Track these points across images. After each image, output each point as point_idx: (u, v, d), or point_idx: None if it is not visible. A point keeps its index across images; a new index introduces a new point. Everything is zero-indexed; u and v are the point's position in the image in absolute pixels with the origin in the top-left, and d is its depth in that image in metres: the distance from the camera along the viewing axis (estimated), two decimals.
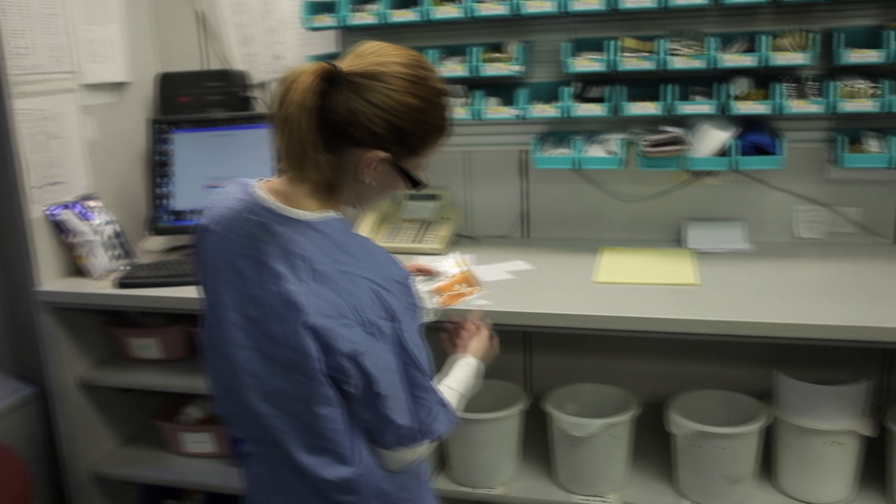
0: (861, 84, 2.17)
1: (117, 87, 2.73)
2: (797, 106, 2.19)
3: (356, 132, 1.31)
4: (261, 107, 2.84)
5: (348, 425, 1.36)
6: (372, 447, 1.40)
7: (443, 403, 1.43)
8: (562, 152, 2.44)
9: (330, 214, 1.37)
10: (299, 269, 1.30)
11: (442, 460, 2.35)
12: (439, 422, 1.41)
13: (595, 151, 2.40)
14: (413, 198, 2.76)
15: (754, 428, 2.01)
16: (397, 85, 1.31)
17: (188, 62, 2.89)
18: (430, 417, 1.40)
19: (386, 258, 1.40)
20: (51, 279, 2.46)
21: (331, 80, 1.29)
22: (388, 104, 1.30)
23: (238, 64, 2.84)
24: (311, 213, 1.35)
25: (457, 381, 1.59)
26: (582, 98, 2.42)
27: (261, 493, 1.47)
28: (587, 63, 2.32)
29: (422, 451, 1.44)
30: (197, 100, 2.74)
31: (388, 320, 1.33)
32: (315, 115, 1.27)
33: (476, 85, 2.51)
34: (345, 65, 1.33)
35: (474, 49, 2.41)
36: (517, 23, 2.53)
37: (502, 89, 2.53)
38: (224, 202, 1.41)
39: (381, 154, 1.33)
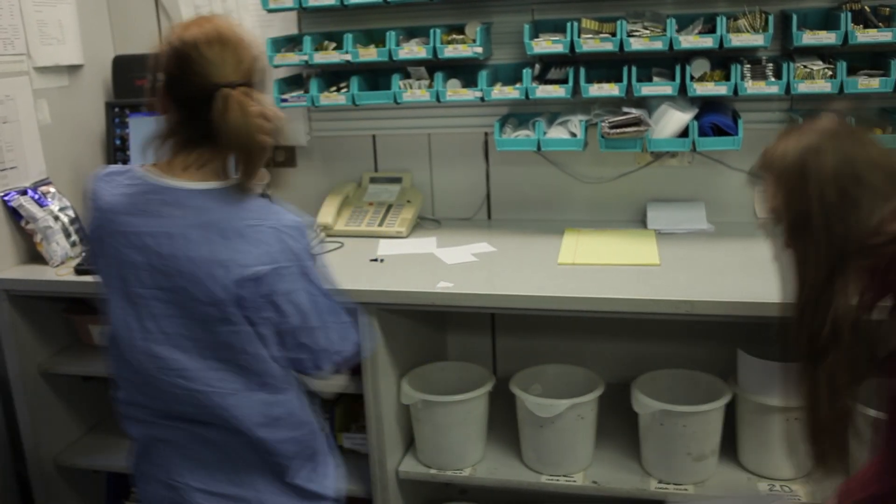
0: (817, 65, 2.21)
1: (71, 69, 2.67)
2: (755, 87, 2.22)
3: None
4: None
5: (274, 359, 1.54)
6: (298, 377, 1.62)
7: (351, 323, 1.64)
8: (523, 134, 2.44)
9: (226, 182, 1.51)
10: (211, 231, 1.46)
11: (409, 442, 2.36)
12: (349, 341, 1.64)
13: (556, 133, 2.41)
14: (375, 181, 2.75)
15: (717, 406, 2.04)
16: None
17: (144, 44, 2.82)
18: (341, 337, 1.61)
19: (282, 209, 1.55)
20: (8, 266, 2.41)
21: None
22: None
23: None
24: (208, 183, 1.50)
25: None
26: (543, 80, 2.42)
27: (169, 470, 1.58)
28: (548, 45, 2.32)
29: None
30: (153, 83, 2.68)
31: (293, 260, 1.50)
32: None
33: (437, 67, 2.50)
34: None
35: (435, 30, 2.40)
36: (478, 4, 2.52)
37: (463, 71, 2.52)
38: (114, 190, 1.53)
39: None
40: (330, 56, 2.49)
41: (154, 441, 1.60)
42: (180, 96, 1.50)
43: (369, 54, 2.45)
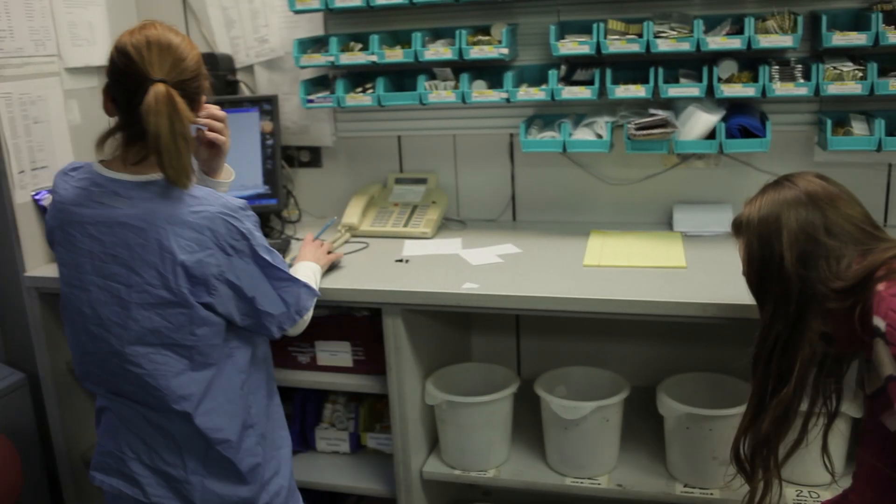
0: (847, 66, 2.18)
1: (101, 70, 2.67)
2: (783, 88, 2.20)
3: None
4: (246, 91, 2.82)
5: (221, 339, 1.68)
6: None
7: (304, 286, 1.81)
8: (549, 135, 2.44)
9: None
10: (158, 219, 1.59)
11: (433, 443, 2.37)
12: (304, 298, 1.81)
13: (582, 134, 2.41)
14: (400, 181, 2.75)
15: (743, 409, 2.02)
16: None
17: None
18: (297, 298, 1.78)
19: (226, 195, 1.69)
20: (39, 265, 2.45)
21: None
22: None
23: (223, 47, 2.82)
24: (151, 175, 1.63)
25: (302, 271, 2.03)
26: (569, 81, 2.41)
27: (118, 441, 1.73)
28: (574, 46, 2.32)
29: (301, 326, 1.86)
30: None
31: (241, 239, 1.64)
32: None
33: (463, 68, 2.50)
34: None
35: (461, 32, 2.40)
36: (504, 5, 2.52)
37: (489, 72, 2.52)
38: (68, 184, 1.68)
39: None
40: (356, 57, 2.50)
41: (106, 411, 1.77)
42: (118, 95, 1.62)
43: (395, 55, 2.45)
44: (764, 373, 1.58)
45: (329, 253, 2.24)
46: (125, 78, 1.59)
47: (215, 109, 1.81)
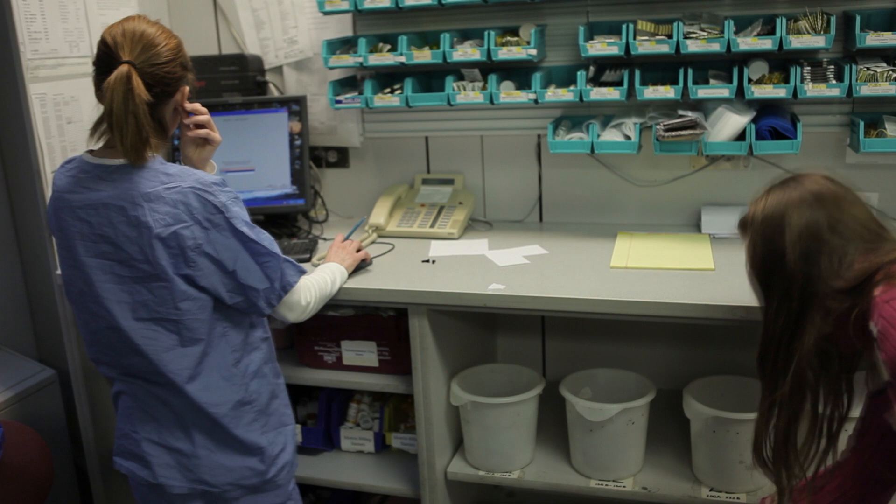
0: (881, 67, 2.15)
1: None
2: (815, 90, 2.17)
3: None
4: (275, 91, 2.84)
5: (208, 314, 1.74)
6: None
7: (287, 260, 1.83)
8: (577, 136, 2.43)
9: (154, 155, 1.72)
10: (135, 198, 1.67)
11: (458, 444, 2.37)
12: (288, 274, 1.83)
13: (610, 136, 2.39)
14: (427, 182, 2.76)
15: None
16: None
17: (203, 47, 2.89)
18: (280, 273, 1.80)
19: (200, 171, 1.76)
20: None
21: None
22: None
23: (253, 48, 2.84)
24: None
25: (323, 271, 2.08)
26: (597, 82, 2.40)
27: (133, 422, 1.81)
28: (602, 47, 2.31)
29: (299, 307, 1.88)
30: (212, 84, 2.74)
31: (217, 213, 1.70)
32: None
33: (491, 69, 2.50)
34: None
35: (489, 32, 2.40)
36: (532, 6, 2.52)
37: (517, 73, 2.52)
38: (63, 175, 1.77)
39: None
40: (384, 58, 2.51)
41: (122, 394, 1.85)
42: (99, 82, 1.70)
43: (423, 56, 2.46)
44: (771, 370, 1.58)
45: (358, 251, 2.25)
46: (102, 64, 1.70)
47: (198, 107, 1.92)
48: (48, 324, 2.62)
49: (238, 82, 2.76)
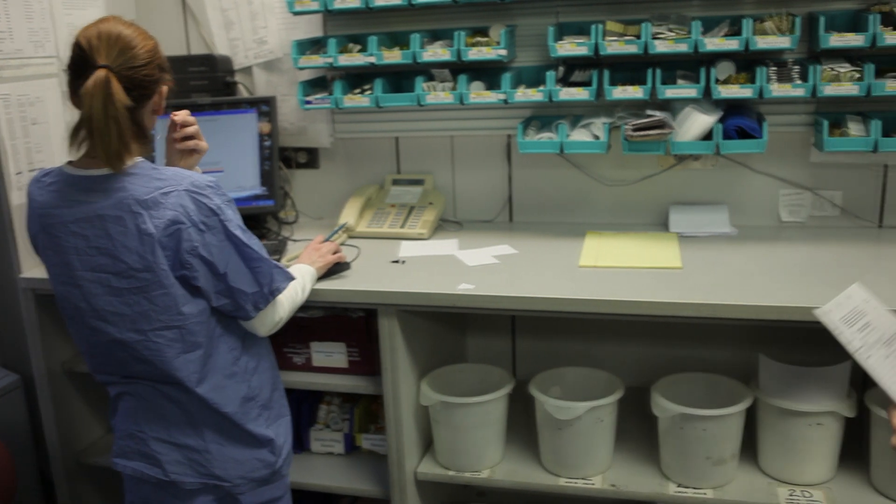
0: (844, 68, 2.18)
1: None
2: (780, 90, 2.19)
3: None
4: (244, 92, 2.83)
5: (206, 317, 1.75)
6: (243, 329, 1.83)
7: (276, 266, 1.83)
8: (546, 136, 2.43)
9: (137, 160, 1.71)
10: (132, 206, 1.65)
11: (428, 444, 2.36)
12: (277, 280, 1.83)
13: (579, 136, 2.40)
14: (397, 182, 2.75)
15: (737, 410, 2.02)
16: None
17: (171, 47, 2.86)
18: (270, 278, 1.80)
19: (194, 172, 1.74)
20: (34, 266, 2.44)
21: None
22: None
23: (222, 49, 2.83)
24: (130, 163, 1.69)
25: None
26: (566, 82, 2.41)
27: (139, 422, 1.80)
28: (571, 47, 2.32)
29: (280, 313, 1.87)
30: (180, 85, 2.67)
31: (213, 215, 1.69)
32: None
33: (461, 69, 2.50)
34: None
35: (459, 33, 2.41)
36: (502, 7, 2.53)
37: (487, 74, 2.52)
38: (41, 189, 1.74)
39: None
40: (354, 58, 2.50)
41: (124, 396, 1.83)
42: (76, 87, 1.66)
43: (393, 56, 2.46)
44: None
45: (335, 253, 2.22)
46: (77, 68, 1.66)
47: (186, 115, 1.93)
48: (11, 328, 2.58)
49: (207, 83, 2.74)
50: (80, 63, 1.65)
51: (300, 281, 2.02)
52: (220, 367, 1.79)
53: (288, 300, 1.91)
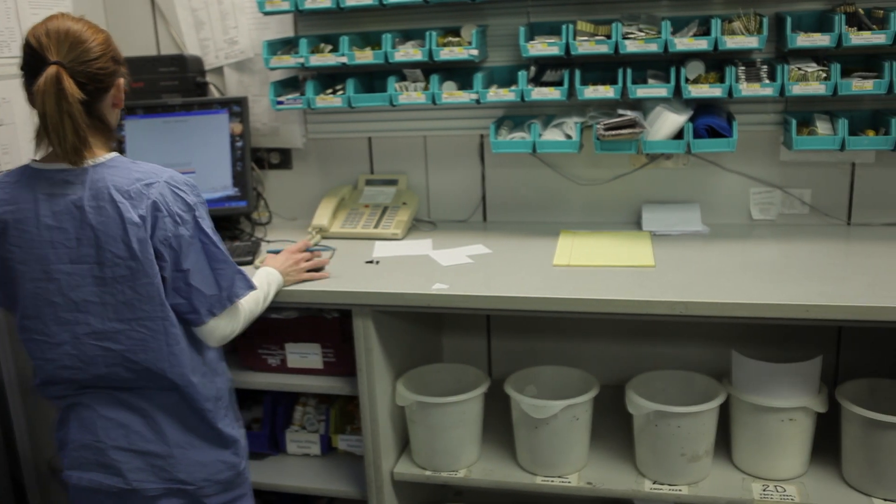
0: (811, 67, 2.21)
1: None
2: (749, 89, 2.22)
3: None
4: (215, 92, 2.81)
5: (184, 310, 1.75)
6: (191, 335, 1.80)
7: (239, 272, 1.82)
8: (519, 136, 2.44)
9: (112, 155, 1.73)
10: (114, 196, 1.65)
11: (404, 444, 2.36)
12: (238, 286, 1.81)
13: (552, 135, 2.42)
14: (371, 183, 2.75)
15: (711, 406, 2.04)
16: None
17: (141, 47, 2.84)
18: (230, 283, 1.79)
19: (171, 170, 1.75)
20: None
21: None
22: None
23: (192, 49, 2.80)
24: (99, 157, 1.70)
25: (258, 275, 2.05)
26: (538, 82, 2.42)
27: (95, 432, 1.77)
28: (543, 47, 2.33)
29: (234, 325, 1.85)
30: (150, 85, 2.69)
31: (187, 211, 1.71)
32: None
33: (433, 69, 2.50)
34: None
35: (430, 33, 2.41)
36: (473, 7, 2.53)
37: (459, 74, 2.52)
38: (6, 189, 1.72)
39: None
40: (326, 58, 2.50)
41: (76, 407, 1.80)
42: (31, 87, 1.65)
43: (365, 57, 2.45)
44: None
45: (314, 270, 2.19)
46: (29, 68, 1.66)
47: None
48: None
49: (178, 83, 2.71)
50: (32, 62, 1.64)
51: (263, 291, 2.00)
52: (197, 363, 1.80)
53: (246, 312, 1.90)
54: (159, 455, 1.79)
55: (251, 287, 1.87)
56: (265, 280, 2.04)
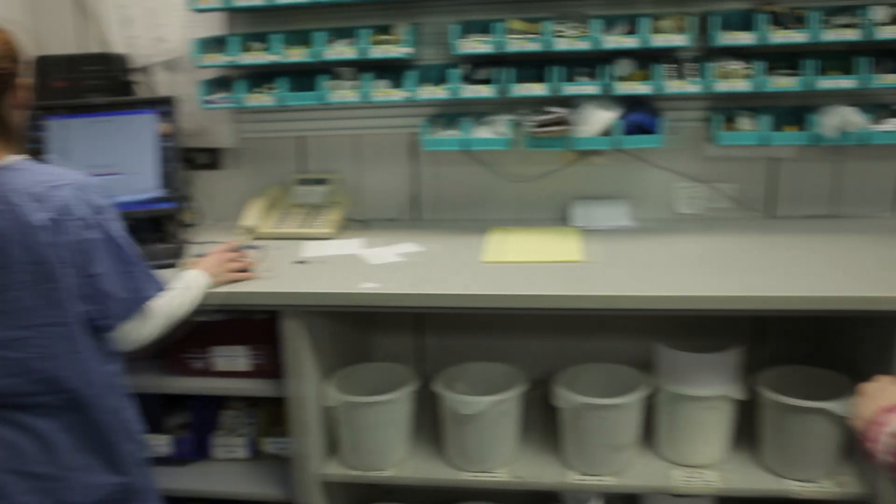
0: (735, 65, 2.24)
1: None
2: (676, 86, 2.25)
3: None
4: (143, 91, 2.75)
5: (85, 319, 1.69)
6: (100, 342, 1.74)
7: (149, 273, 1.80)
8: (450, 134, 2.44)
9: (18, 158, 1.68)
10: (18, 199, 1.61)
11: (332, 445, 2.33)
12: (149, 287, 1.79)
13: (483, 132, 2.42)
14: (303, 182, 2.72)
15: (634, 398, 2.05)
16: None
17: (65, 45, 2.77)
18: (141, 284, 1.77)
19: (80, 173, 1.73)
20: None
21: None
22: None
23: (118, 47, 2.75)
24: (5, 160, 1.66)
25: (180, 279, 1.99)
26: (470, 80, 2.42)
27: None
28: (475, 45, 2.33)
29: (149, 329, 1.80)
30: (74, 85, 2.63)
31: (94, 213, 1.67)
32: None
33: (365, 67, 2.49)
34: None
35: (363, 31, 2.39)
36: (406, 5, 2.52)
37: (391, 72, 2.50)
38: None
39: None
40: (257, 57, 2.46)
41: None
42: None
43: (297, 55, 2.42)
44: None
45: (242, 271, 2.16)
46: None
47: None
48: None
49: (103, 82, 2.65)
50: None
51: (187, 294, 1.94)
52: (101, 373, 1.74)
53: (163, 316, 1.84)
54: (48, 477, 1.70)
55: (162, 289, 1.83)
56: (190, 282, 1.98)
